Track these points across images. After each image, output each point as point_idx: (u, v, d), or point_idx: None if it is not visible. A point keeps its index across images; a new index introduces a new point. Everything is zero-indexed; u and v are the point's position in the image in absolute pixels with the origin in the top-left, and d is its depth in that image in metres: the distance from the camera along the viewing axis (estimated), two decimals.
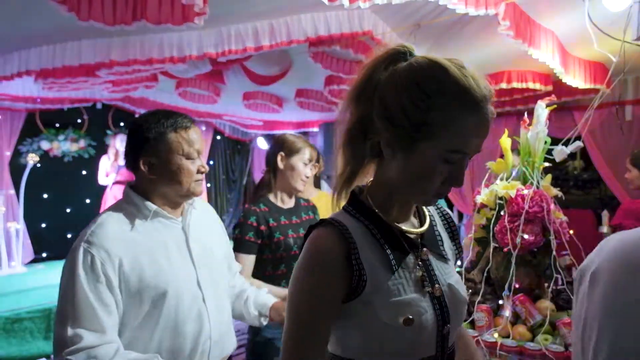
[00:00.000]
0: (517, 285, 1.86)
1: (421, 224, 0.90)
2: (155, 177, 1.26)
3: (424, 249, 0.87)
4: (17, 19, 2.72)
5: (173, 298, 1.22)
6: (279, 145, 1.99)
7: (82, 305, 1.11)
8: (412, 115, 0.75)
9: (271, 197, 2.00)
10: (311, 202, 2.21)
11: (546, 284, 1.90)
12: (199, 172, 1.31)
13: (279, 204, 2.00)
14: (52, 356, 3.60)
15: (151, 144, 1.25)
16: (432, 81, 0.75)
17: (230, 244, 1.62)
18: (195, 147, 1.30)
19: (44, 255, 5.72)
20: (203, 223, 1.43)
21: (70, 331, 1.09)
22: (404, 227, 0.87)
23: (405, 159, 0.78)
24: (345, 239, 0.80)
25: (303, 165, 1.97)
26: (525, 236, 1.82)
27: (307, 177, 2.00)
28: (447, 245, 0.95)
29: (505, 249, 1.88)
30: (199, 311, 1.28)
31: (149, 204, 1.27)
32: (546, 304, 1.79)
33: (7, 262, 5.05)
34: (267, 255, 1.91)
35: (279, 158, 1.96)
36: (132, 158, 1.29)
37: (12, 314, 3.55)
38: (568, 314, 1.74)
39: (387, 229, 0.84)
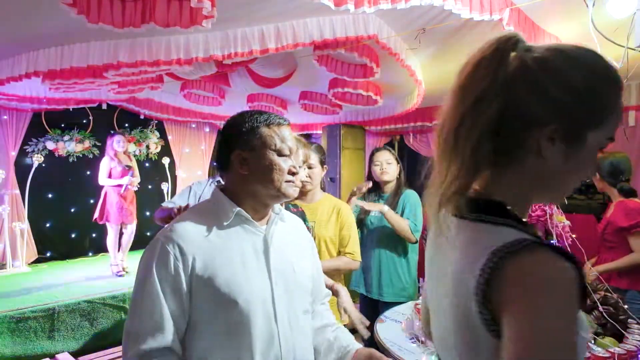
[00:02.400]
0: None
1: None
2: (247, 172, 1.21)
3: None
4: (26, 20, 2.75)
5: (243, 310, 1.13)
6: None
7: (149, 300, 1.09)
8: (589, 102, 0.68)
9: None
10: (300, 207, 2.14)
11: None
12: (290, 172, 1.24)
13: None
14: (57, 355, 3.63)
15: (244, 137, 1.21)
16: (596, 66, 0.70)
17: (320, 267, 1.49)
18: (287, 143, 1.24)
19: (48, 254, 5.75)
20: (289, 238, 1.33)
21: (135, 328, 1.09)
22: None
23: (572, 152, 0.70)
24: (575, 264, 0.65)
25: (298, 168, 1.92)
26: None
27: (302, 181, 1.93)
28: None
29: None
30: (270, 332, 1.17)
31: (234, 206, 1.21)
32: None
33: (11, 262, 5.09)
34: None
35: None
36: (224, 154, 1.24)
37: (17, 314, 3.58)
38: None
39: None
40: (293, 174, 1.24)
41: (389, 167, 2.79)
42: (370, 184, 2.87)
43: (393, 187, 2.83)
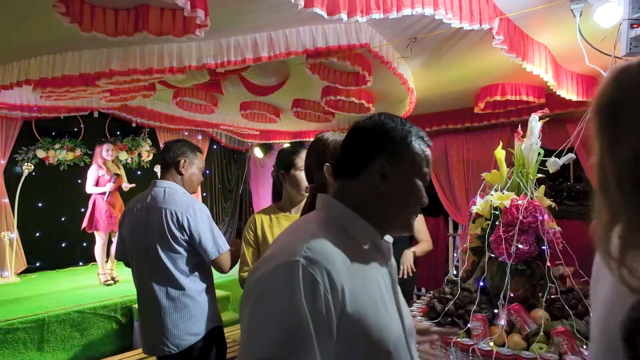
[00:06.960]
0: (511, 295, 1.88)
1: None
2: (384, 189, 0.93)
3: None
4: (18, 28, 2.74)
5: None
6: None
7: (301, 349, 0.76)
8: None
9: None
10: None
11: (540, 294, 1.92)
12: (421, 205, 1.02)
13: None
14: None
15: (395, 146, 0.94)
16: None
17: None
18: (429, 170, 0.99)
19: (38, 264, 5.67)
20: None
21: None
22: None
23: None
24: None
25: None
26: (520, 246, 1.85)
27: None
28: None
29: (500, 259, 1.91)
30: None
31: (370, 227, 0.94)
32: (540, 313, 1.81)
33: (0, 272, 5.02)
34: None
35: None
36: (360, 158, 0.95)
37: (5, 325, 3.52)
38: (562, 323, 1.77)
39: None
40: (423, 205, 1.01)
41: None
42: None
43: None
